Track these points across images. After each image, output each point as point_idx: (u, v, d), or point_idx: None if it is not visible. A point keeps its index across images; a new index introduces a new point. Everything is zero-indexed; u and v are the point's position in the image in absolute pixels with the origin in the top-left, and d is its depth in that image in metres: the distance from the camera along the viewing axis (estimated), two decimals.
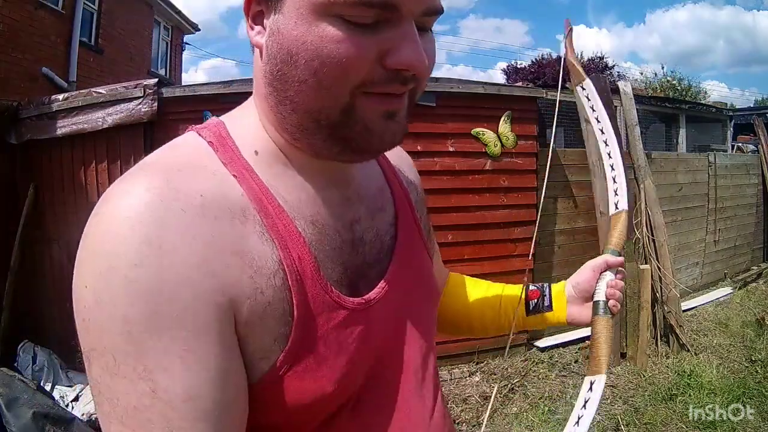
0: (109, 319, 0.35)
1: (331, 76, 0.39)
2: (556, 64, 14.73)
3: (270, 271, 0.41)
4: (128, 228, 0.36)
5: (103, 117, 2.81)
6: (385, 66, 0.40)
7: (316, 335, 0.43)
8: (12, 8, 5.27)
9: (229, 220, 0.40)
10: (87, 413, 2.36)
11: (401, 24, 0.39)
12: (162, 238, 0.36)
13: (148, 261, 0.35)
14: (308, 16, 0.39)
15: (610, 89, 3.56)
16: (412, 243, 0.57)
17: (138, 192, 0.37)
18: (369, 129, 0.42)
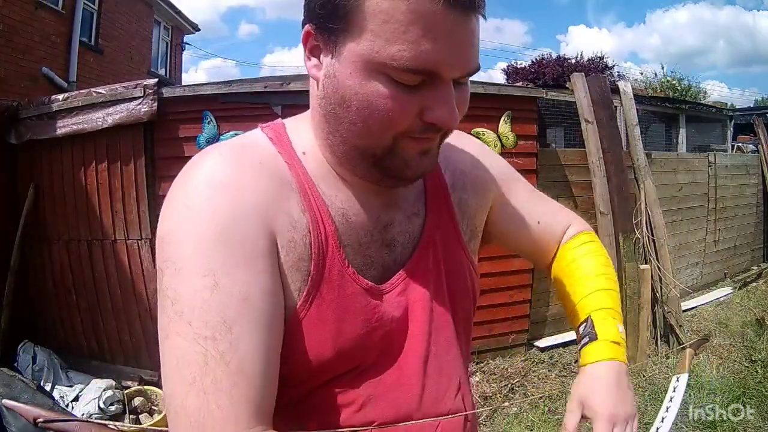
0: (186, 235, 0.45)
1: (378, 124, 0.47)
2: (556, 64, 14.73)
3: (303, 233, 0.50)
4: (208, 172, 0.48)
5: (103, 117, 2.81)
6: (423, 119, 0.47)
7: (326, 298, 0.51)
8: (12, 8, 5.27)
9: (280, 184, 0.51)
10: (87, 413, 2.36)
11: (440, 86, 0.46)
12: (234, 181, 0.47)
13: (223, 195, 0.46)
14: (362, 71, 0.45)
15: (610, 89, 3.56)
16: (443, 244, 0.61)
17: (213, 155, 0.50)
18: (407, 164, 0.50)
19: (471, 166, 0.66)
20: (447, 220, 0.62)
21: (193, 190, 0.47)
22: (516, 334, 3.37)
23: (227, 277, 0.43)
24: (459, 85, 0.49)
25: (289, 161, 0.53)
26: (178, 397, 0.42)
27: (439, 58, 0.44)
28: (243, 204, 0.47)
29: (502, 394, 2.86)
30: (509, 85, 5.92)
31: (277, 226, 0.48)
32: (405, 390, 0.56)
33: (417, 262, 0.58)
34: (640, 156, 3.64)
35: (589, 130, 3.37)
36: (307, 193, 0.52)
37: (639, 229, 3.40)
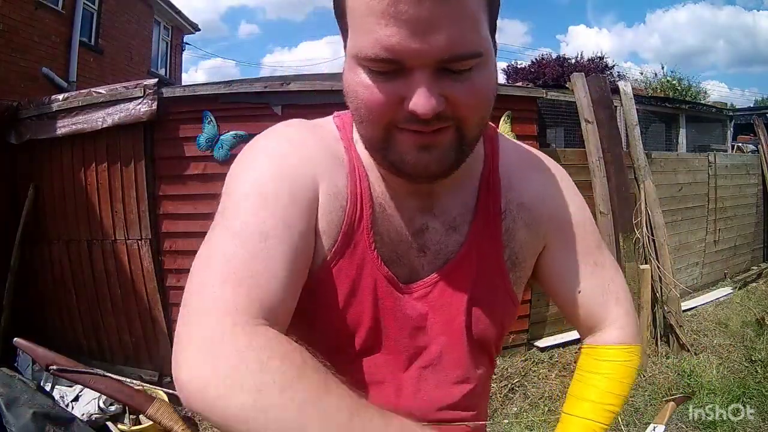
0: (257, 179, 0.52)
1: (365, 114, 0.49)
2: (556, 64, 14.73)
3: (341, 203, 0.55)
4: (284, 131, 0.57)
5: (103, 117, 2.81)
6: (405, 108, 0.46)
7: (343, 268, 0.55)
8: (12, 8, 5.27)
9: (334, 159, 0.56)
10: (87, 413, 2.36)
11: (412, 74, 0.45)
12: (300, 141, 0.56)
13: (288, 146, 0.55)
14: (351, 65, 0.48)
15: (610, 89, 3.56)
16: (479, 266, 0.60)
17: (292, 123, 0.59)
18: (403, 158, 0.50)
19: (535, 200, 0.62)
20: (490, 244, 0.60)
21: (270, 140, 0.56)
22: (516, 334, 3.37)
23: (276, 201, 0.50)
24: (456, 75, 0.46)
25: (347, 146, 0.57)
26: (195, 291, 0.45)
27: (396, 44, 0.43)
28: (302, 157, 0.54)
29: (502, 394, 2.86)
30: (509, 85, 5.92)
31: (322, 185, 0.54)
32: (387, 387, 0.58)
33: (446, 275, 0.59)
34: (640, 156, 3.64)
35: (589, 130, 3.37)
36: (355, 174, 0.56)
37: (639, 229, 3.40)
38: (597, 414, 0.63)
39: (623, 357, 0.65)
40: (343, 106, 0.55)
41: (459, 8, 0.43)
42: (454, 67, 0.45)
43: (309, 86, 2.78)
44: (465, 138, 0.50)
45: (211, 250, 0.48)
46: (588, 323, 0.67)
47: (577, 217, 0.65)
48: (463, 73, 0.46)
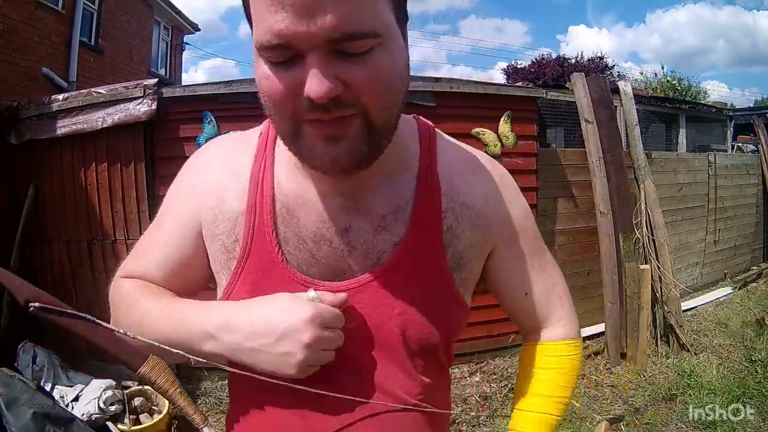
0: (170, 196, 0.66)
1: (270, 105, 0.48)
2: (556, 64, 14.73)
3: (227, 216, 0.59)
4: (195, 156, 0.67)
5: (103, 117, 2.81)
6: (304, 96, 0.44)
7: (246, 280, 0.58)
8: (12, 8, 5.27)
9: (227, 176, 0.61)
10: (87, 413, 2.36)
11: (305, 59, 0.44)
12: (197, 167, 0.65)
13: (189, 172, 0.65)
14: (256, 57, 0.47)
15: (610, 89, 3.56)
16: (417, 267, 0.58)
17: (213, 143, 0.68)
18: (313, 152, 0.49)
19: (480, 201, 0.62)
20: (430, 245, 0.58)
21: (189, 162, 0.67)
22: (516, 334, 3.37)
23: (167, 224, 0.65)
24: (354, 57, 0.44)
25: (259, 155, 0.60)
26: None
27: (284, 28, 0.42)
28: (194, 183, 0.63)
29: (502, 394, 2.86)
30: (509, 85, 5.91)
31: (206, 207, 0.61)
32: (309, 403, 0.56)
33: (379, 276, 0.57)
34: (640, 156, 3.64)
35: (589, 130, 3.37)
36: (257, 184, 0.58)
37: (639, 229, 3.40)
38: (551, 407, 0.67)
39: (570, 351, 0.69)
40: None
41: None
42: (349, 48, 0.43)
43: None
44: (373, 127, 0.48)
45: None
46: (533, 323, 0.71)
47: (521, 220, 0.65)
48: (361, 55, 0.44)
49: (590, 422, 2.56)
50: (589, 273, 3.65)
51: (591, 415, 2.62)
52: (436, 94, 3.04)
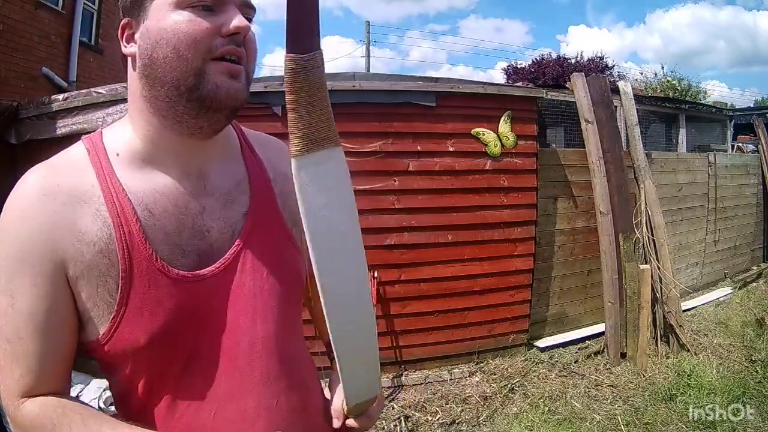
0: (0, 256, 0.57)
1: (185, 46, 0.56)
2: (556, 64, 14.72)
3: (92, 240, 0.57)
4: (14, 204, 0.58)
5: (103, 117, 2.81)
6: (222, 34, 0.57)
7: (138, 293, 0.57)
8: (12, 8, 5.27)
9: (72, 204, 0.57)
10: None
11: (228, 7, 0.58)
12: (27, 213, 0.57)
13: (17, 225, 0.56)
14: (168, 10, 0.57)
15: (610, 89, 3.56)
16: (267, 231, 0.67)
17: (28, 182, 0.58)
18: (218, 86, 0.58)
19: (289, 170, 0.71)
20: (271, 209, 0.69)
21: (6, 216, 0.58)
22: (516, 334, 3.37)
23: (22, 296, 0.56)
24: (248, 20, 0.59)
25: (98, 171, 0.60)
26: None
27: None
28: (33, 233, 0.56)
29: (502, 394, 2.86)
30: (509, 85, 5.91)
31: (62, 244, 0.56)
32: (237, 373, 0.62)
33: (240, 248, 0.64)
34: (640, 156, 3.64)
35: (589, 130, 3.37)
36: (110, 197, 0.58)
37: (639, 229, 3.40)
38: None
39: None
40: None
41: None
42: (247, 14, 0.60)
43: None
44: (249, 80, 0.61)
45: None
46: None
47: None
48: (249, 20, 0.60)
49: (590, 422, 2.56)
50: (589, 273, 3.65)
51: (591, 415, 2.62)
52: (436, 94, 3.04)
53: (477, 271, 3.21)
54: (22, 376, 0.58)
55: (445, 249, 3.14)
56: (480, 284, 3.21)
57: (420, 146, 3.04)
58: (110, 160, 0.61)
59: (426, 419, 2.62)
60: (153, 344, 0.58)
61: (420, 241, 3.07)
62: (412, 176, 3.04)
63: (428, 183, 3.08)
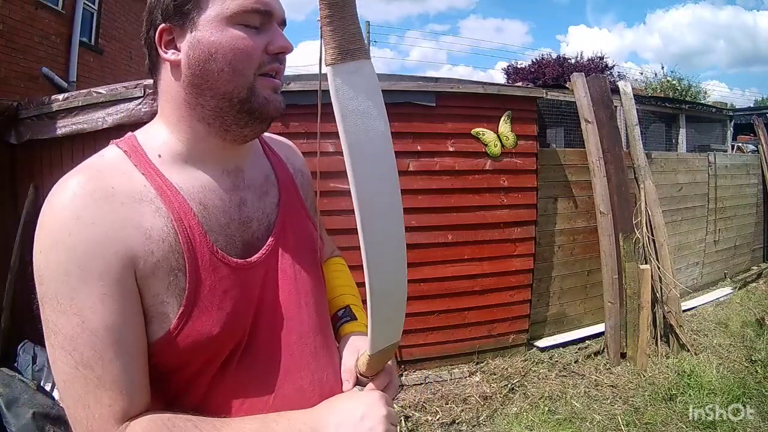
0: (54, 272, 0.53)
1: (241, 62, 0.60)
2: (556, 64, 14.72)
3: (160, 237, 0.57)
4: (65, 211, 0.54)
5: (103, 117, 2.80)
6: (268, 52, 0.62)
7: (205, 284, 0.59)
8: (12, 8, 5.27)
9: (131, 203, 0.57)
10: None
11: (272, 27, 0.63)
12: (86, 217, 0.54)
13: (78, 231, 0.53)
14: (221, 26, 0.60)
15: (610, 89, 3.56)
16: (295, 218, 0.74)
17: (71, 187, 0.55)
18: (267, 100, 0.63)
19: (303, 167, 0.83)
20: (296, 200, 0.76)
21: (58, 223, 0.54)
22: (516, 334, 3.37)
23: (90, 310, 0.52)
24: None
25: (146, 171, 0.60)
26: (71, 408, 0.54)
27: (270, 2, 0.62)
28: (96, 238, 0.54)
29: (502, 394, 2.86)
30: (509, 85, 5.92)
31: (129, 243, 0.55)
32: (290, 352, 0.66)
33: (278, 236, 0.69)
34: (640, 156, 3.64)
35: (589, 130, 3.37)
36: (166, 195, 0.60)
37: (639, 229, 3.40)
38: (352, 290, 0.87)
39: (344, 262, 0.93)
40: None
41: None
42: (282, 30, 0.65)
43: (309, 86, 2.78)
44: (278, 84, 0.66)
45: (66, 381, 0.54)
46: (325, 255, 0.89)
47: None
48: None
49: (590, 422, 2.56)
50: (589, 273, 3.65)
51: (591, 415, 2.62)
52: (436, 94, 3.04)
53: (477, 271, 3.21)
54: (114, 401, 0.53)
55: (445, 249, 3.14)
56: (480, 284, 3.21)
57: (420, 146, 3.04)
58: (152, 161, 0.62)
59: (426, 419, 2.62)
60: (224, 332, 0.60)
61: (420, 241, 3.07)
62: (412, 176, 3.04)
63: (428, 183, 3.08)
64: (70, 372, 0.53)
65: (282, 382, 0.64)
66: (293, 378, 0.65)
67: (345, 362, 0.71)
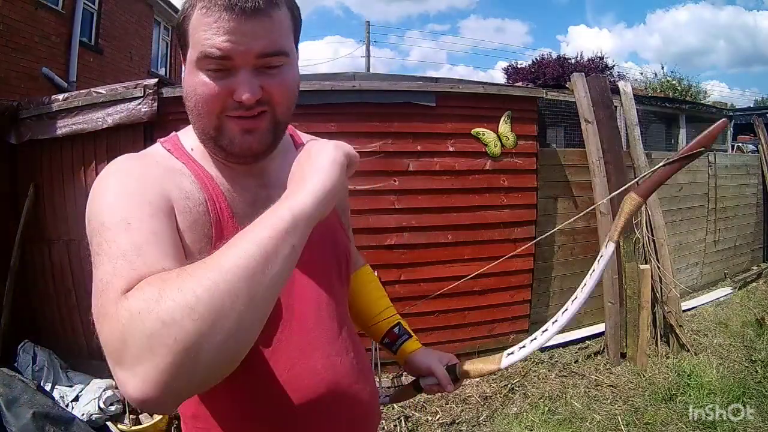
0: (113, 211, 0.56)
1: (202, 105, 0.63)
2: (556, 64, 14.72)
3: (198, 202, 0.64)
4: (116, 169, 0.62)
5: (103, 117, 2.80)
6: (234, 99, 0.62)
7: None
8: (12, 8, 5.27)
9: (172, 172, 0.65)
10: (87, 413, 2.37)
11: (238, 72, 0.61)
12: (137, 167, 0.63)
13: (128, 177, 0.60)
14: (191, 70, 0.63)
15: (610, 89, 3.56)
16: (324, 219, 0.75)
17: (121, 159, 0.64)
18: (233, 141, 0.64)
19: None
20: None
21: (108, 177, 0.60)
22: (516, 334, 3.37)
23: (138, 221, 0.54)
24: (272, 69, 0.63)
25: (181, 158, 0.68)
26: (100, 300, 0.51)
27: (226, 47, 0.59)
28: (145, 180, 0.61)
29: (502, 394, 2.86)
30: (509, 85, 5.91)
31: (173, 196, 0.61)
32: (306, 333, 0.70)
33: None
34: (640, 156, 3.64)
35: (589, 130, 3.37)
36: (201, 176, 0.66)
37: (639, 229, 3.40)
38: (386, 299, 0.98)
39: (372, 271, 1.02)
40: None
41: (269, 23, 0.61)
42: (270, 62, 0.62)
43: (309, 86, 2.78)
44: (279, 123, 0.66)
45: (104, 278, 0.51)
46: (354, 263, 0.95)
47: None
48: (276, 68, 0.63)
49: (590, 422, 2.56)
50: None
51: (591, 415, 2.62)
52: (436, 94, 3.04)
53: (477, 271, 3.21)
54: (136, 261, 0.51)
55: (445, 249, 3.14)
56: (480, 284, 3.21)
57: (420, 146, 3.04)
58: (187, 152, 0.70)
59: (426, 419, 2.62)
60: None
61: (420, 241, 3.07)
62: (412, 176, 3.04)
63: (428, 183, 3.08)
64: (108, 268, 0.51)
65: (296, 360, 0.69)
66: (307, 357, 0.69)
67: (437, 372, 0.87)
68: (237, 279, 0.44)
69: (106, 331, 0.47)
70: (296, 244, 0.51)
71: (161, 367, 0.41)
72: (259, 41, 0.61)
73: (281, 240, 0.49)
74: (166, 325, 0.42)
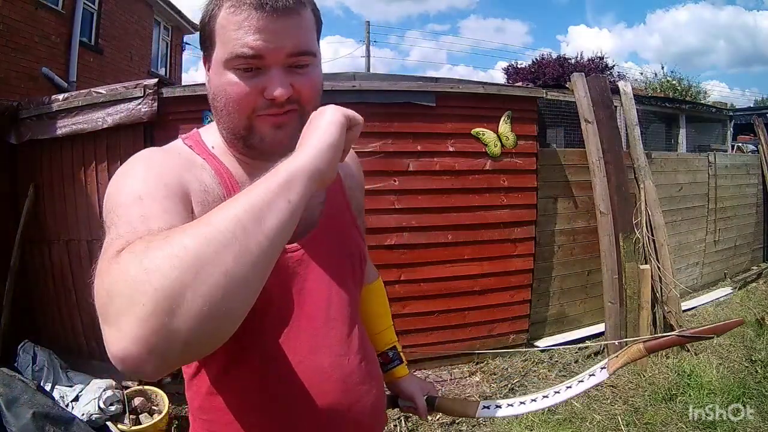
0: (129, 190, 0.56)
1: (232, 105, 0.64)
2: (556, 64, 14.72)
3: (216, 197, 0.65)
4: (138, 157, 0.64)
5: (103, 117, 2.80)
6: (265, 97, 0.63)
7: None
8: (12, 8, 5.27)
9: (192, 166, 0.67)
10: (87, 413, 2.36)
11: (270, 70, 0.62)
12: (158, 157, 0.65)
13: (149, 165, 0.62)
14: (219, 70, 0.64)
15: (610, 89, 3.55)
16: (338, 216, 0.79)
17: (144, 150, 0.66)
18: (263, 139, 0.66)
19: (355, 172, 0.88)
20: (342, 200, 0.81)
21: (129, 164, 0.62)
22: (516, 334, 3.37)
23: (150, 198, 0.55)
24: (299, 69, 0.64)
25: (202, 155, 0.70)
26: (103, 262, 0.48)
27: (258, 46, 0.60)
28: (165, 167, 0.62)
29: (502, 394, 2.85)
30: (509, 85, 5.91)
31: (192, 188, 0.63)
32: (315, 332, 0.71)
33: (318, 229, 0.74)
34: (640, 156, 3.64)
35: (589, 130, 3.37)
36: (221, 172, 0.68)
37: (639, 229, 3.40)
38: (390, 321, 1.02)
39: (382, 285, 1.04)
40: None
41: (299, 22, 0.62)
42: (299, 62, 0.64)
43: None
44: (305, 118, 0.63)
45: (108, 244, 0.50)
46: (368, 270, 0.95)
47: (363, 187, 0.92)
48: (304, 68, 0.65)
49: (590, 422, 2.56)
50: (589, 273, 3.65)
51: (591, 415, 2.62)
52: (436, 94, 3.04)
53: (477, 271, 3.21)
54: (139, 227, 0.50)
55: (445, 249, 3.14)
56: (480, 284, 3.21)
57: (420, 146, 3.04)
58: (208, 149, 0.71)
59: (426, 419, 2.62)
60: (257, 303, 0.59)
61: (420, 241, 3.07)
62: (412, 176, 3.04)
63: (428, 183, 3.08)
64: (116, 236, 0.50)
65: (303, 358, 0.70)
66: (315, 356, 0.70)
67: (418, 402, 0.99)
68: (225, 230, 0.44)
69: (97, 286, 0.47)
70: (293, 200, 0.50)
71: (141, 317, 0.40)
72: (290, 40, 0.62)
73: (274, 194, 0.49)
74: (148, 272, 0.41)
